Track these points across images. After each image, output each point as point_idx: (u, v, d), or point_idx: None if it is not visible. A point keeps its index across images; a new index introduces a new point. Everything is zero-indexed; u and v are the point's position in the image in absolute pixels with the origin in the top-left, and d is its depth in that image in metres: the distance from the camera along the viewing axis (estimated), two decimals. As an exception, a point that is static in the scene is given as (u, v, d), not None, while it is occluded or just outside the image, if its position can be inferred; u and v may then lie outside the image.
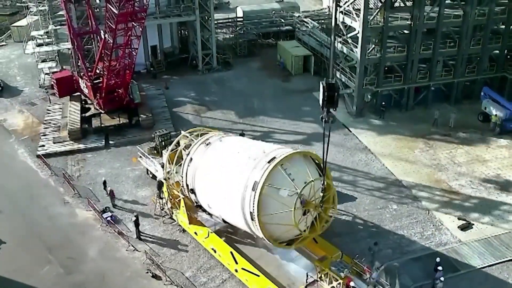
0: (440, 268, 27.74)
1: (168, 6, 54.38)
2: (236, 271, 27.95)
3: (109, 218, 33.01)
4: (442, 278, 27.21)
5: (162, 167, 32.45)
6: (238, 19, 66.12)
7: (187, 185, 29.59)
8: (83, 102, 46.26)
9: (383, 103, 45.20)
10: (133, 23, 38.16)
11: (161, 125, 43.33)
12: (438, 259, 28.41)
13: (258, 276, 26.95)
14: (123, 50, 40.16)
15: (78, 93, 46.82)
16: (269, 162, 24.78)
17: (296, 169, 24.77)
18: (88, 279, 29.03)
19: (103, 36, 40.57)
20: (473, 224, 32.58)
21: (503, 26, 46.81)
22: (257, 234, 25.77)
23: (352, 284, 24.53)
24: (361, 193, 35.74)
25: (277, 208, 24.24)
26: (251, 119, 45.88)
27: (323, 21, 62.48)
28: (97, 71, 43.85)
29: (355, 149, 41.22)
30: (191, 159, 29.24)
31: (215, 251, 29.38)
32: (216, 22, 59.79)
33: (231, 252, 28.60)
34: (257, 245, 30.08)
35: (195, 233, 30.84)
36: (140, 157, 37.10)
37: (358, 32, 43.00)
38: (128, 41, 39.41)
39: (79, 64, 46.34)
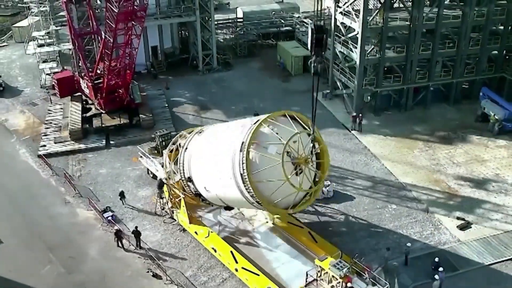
0: (441, 269, 27.86)
1: (169, 7, 54.61)
2: (236, 270, 28.09)
3: (109, 218, 33.19)
4: (436, 276, 27.30)
5: (163, 166, 32.68)
6: (238, 20, 66.37)
7: (184, 175, 29.76)
8: (84, 102, 46.47)
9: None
10: (133, 22, 38.29)
11: (162, 125, 43.64)
12: (436, 259, 28.58)
13: (258, 275, 27.11)
14: (123, 50, 40.34)
15: (79, 93, 47.03)
16: (254, 123, 24.94)
17: (282, 127, 24.70)
18: (89, 279, 29.18)
19: (103, 36, 40.75)
20: (472, 224, 32.76)
21: (502, 27, 46.93)
22: (251, 200, 25.18)
23: (350, 284, 24.65)
24: (361, 193, 35.91)
25: (266, 164, 23.97)
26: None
27: (323, 21, 62.63)
28: (98, 72, 44.03)
29: (355, 149, 41.39)
30: (186, 148, 29.67)
31: (215, 251, 29.54)
32: (216, 22, 60.02)
33: (231, 252, 28.76)
34: (257, 244, 30.33)
35: (196, 232, 30.99)
36: (141, 157, 37.28)
37: (358, 33, 43.20)
38: (128, 41, 39.57)
39: (80, 64, 46.52)
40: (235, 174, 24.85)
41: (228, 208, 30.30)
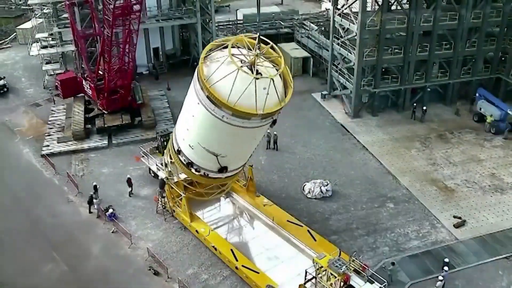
0: (446, 268, 28.41)
1: (170, 9, 55.12)
2: (237, 268, 28.57)
3: (112, 217, 33.63)
4: (440, 277, 27.74)
5: (164, 166, 33.22)
6: (239, 22, 66.88)
7: (175, 150, 30.17)
8: (87, 103, 47.01)
9: (424, 108, 45.79)
10: (130, 17, 38.61)
11: (163, 125, 44.16)
12: (446, 260, 29.10)
13: (258, 273, 27.65)
14: (122, 47, 40.76)
15: (82, 94, 47.55)
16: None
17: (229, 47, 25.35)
18: (91, 277, 29.59)
19: (103, 33, 41.14)
20: (468, 223, 33.25)
21: (498, 29, 47.37)
22: (220, 113, 24.99)
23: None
24: (359, 192, 36.42)
25: (217, 64, 24.80)
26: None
27: (321, 23, 63.21)
28: (100, 72, 44.47)
29: (353, 149, 41.91)
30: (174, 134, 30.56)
31: (215, 249, 30.04)
32: (217, 24, 60.54)
33: (232, 250, 29.28)
34: (256, 242, 30.81)
35: (196, 231, 31.51)
36: (143, 156, 37.76)
37: (356, 35, 43.75)
38: (126, 38, 39.95)
39: (82, 65, 47.03)
40: (198, 93, 25.43)
41: (221, 170, 29.15)
